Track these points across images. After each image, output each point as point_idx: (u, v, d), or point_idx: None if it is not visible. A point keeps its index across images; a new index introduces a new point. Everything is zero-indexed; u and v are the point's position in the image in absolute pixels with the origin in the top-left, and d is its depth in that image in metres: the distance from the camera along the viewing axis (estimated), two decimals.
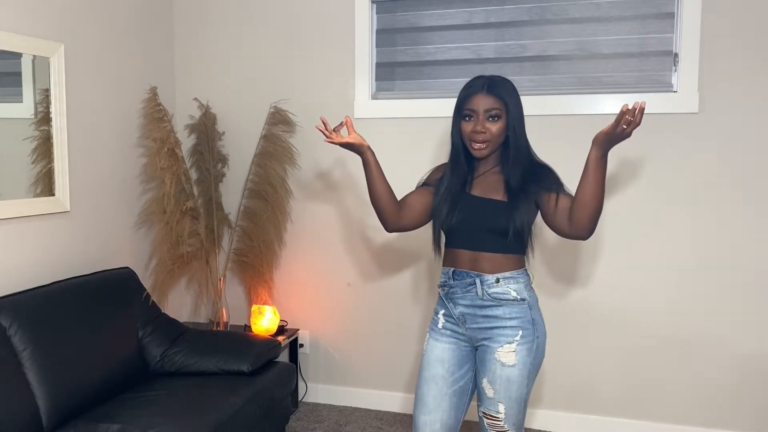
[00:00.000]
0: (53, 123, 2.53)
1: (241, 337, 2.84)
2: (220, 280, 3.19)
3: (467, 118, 1.87)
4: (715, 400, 2.79)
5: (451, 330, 1.93)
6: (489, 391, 1.86)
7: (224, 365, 2.58)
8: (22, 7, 2.40)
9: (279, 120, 3.12)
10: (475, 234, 1.87)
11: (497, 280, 1.85)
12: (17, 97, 2.42)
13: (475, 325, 1.88)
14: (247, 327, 3.19)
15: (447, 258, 1.96)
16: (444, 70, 3.02)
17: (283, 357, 3.16)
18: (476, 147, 1.87)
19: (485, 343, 1.87)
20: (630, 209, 2.83)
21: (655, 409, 2.86)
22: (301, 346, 3.28)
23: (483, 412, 1.90)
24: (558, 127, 2.86)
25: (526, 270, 1.91)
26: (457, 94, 1.92)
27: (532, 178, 1.86)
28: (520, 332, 1.83)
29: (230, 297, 3.33)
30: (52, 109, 2.53)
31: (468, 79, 1.92)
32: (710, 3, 2.67)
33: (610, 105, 2.79)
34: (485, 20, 2.94)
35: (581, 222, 1.77)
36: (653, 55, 2.78)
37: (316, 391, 3.31)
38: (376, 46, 3.11)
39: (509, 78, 1.93)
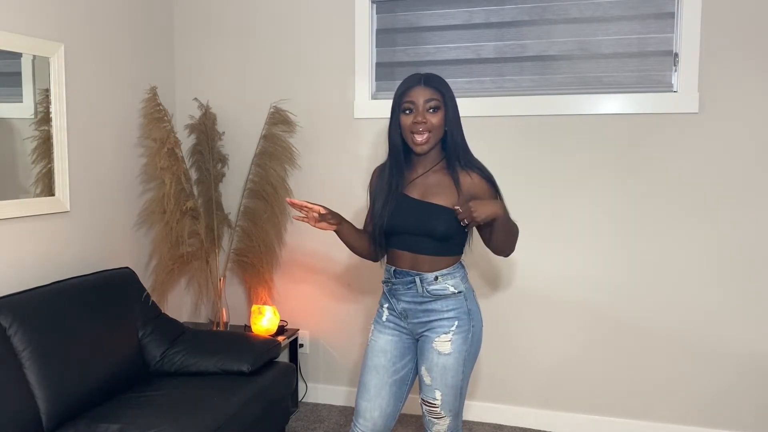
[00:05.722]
0: (53, 123, 2.53)
1: (241, 337, 2.84)
2: (220, 280, 3.19)
3: (407, 112, 1.92)
4: (715, 400, 2.79)
5: (394, 323, 2.01)
6: (427, 379, 1.95)
7: (224, 365, 2.58)
8: (22, 7, 2.40)
9: (279, 120, 3.12)
10: (414, 237, 1.93)
11: (436, 278, 1.92)
12: (17, 97, 2.42)
13: (416, 320, 1.97)
14: (247, 327, 3.19)
15: (389, 256, 2.03)
16: (444, 70, 3.01)
17: (283, 357, 3.16)
18: (419, 140, 1.90)
19: (425, 334, 1.96)
20: (629, 208, 2.83)
21: (655, 409, 2.86)
22: (301, 346, 3.28)
23: (422, 399, 1.99)
24: (558, 127, 2.86)
25: (461, 263, 1.99)
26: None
27: (480, 189, 1.92)
28: (456, 322, 1.92)
29: (230, 297, 3.33)
30: (52, 109, 2.53)
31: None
32: (710, 3, 2.67)
33: (610, 105, 2.79)
34: (485, 20, 2.94)
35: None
36: (653, 55, 2.78)
37: (316, 391, 3.31)
38: (376, 46, 3.11)
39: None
